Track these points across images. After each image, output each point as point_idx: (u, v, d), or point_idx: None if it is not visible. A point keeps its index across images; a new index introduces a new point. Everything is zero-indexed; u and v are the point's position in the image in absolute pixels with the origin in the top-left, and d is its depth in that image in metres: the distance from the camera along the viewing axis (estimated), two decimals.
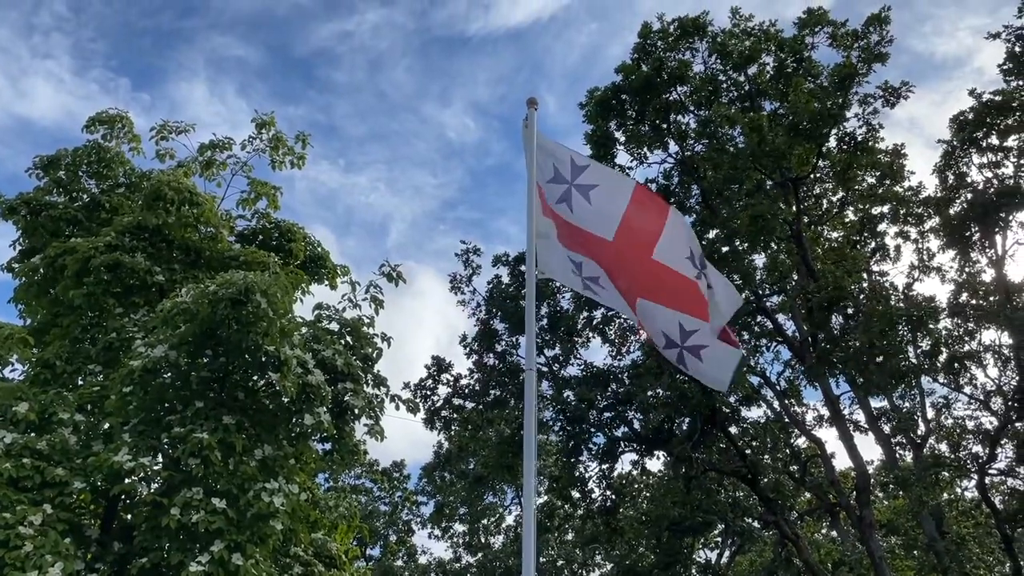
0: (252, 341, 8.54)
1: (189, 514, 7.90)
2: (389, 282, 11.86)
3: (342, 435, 9.97)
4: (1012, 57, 20.16)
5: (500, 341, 22.74)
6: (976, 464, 20.27)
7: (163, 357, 8.64)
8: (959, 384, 20.67)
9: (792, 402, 22.94)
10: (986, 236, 20.87)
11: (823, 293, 18.94)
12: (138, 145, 13.19)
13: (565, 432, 21.61)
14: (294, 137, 13.65)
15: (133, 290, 10.68)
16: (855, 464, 20.13)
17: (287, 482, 8.67)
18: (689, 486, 21.75)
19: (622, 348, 23.23)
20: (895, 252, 23.04)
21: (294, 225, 12.89)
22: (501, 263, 22.86)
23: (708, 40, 21.82)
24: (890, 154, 22.34)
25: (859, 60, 20.30)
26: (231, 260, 11.20)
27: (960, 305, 20.59)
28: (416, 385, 22.79)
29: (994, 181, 20.90)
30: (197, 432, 8.17)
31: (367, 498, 37.80)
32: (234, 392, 9.03)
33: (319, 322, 10.65)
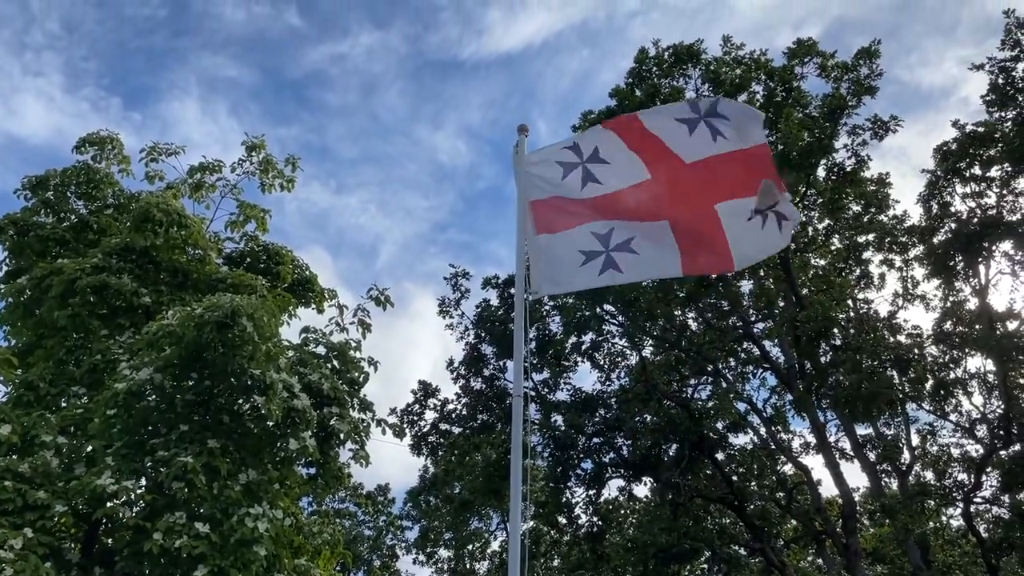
0: (238, 364, 8.50)
1: (172, 539, 7.81)
2: (377, 306, 11.88)
3: (327, 460, 9.91)
4: (995, 89, 20.48)
5: (488, 365, 22.73)
6: (961, 492, 20.34)
7: (148, 380, 8.58)
8: (944, 411, 20.78)
9: (778, 429, 23.00)
10: (970, 265, 21.08)
11: (812, 323, 19.03)
12: (128, 167, 13.17)
13: (553, 457, 21.56)
14: (284, 160, 13.68)
15: (119, 312, 10.62)
16: (841, 491, 20.15)
17: (271, 507, 8.59)
18: (676, 512, 21.70)
19: (611, 373, 23.26)
20: (880, 280, 23.26)
21: (282, 248, 12.88)
22: (491, 286, 22.92)
23: (701, 67, 22.10)
24: (876, 183, 22.60)
25: (849, 92, 20.57)
26: (218, 282, 11.17)
27: (945, 333, 20.75)
28: (403, 410, 22.71)
29: (977, 211, 21.16)
30: (181, 456, 8.10)
31: (351, 522, 37.48)
32: (219, 416, 8.97)
33: (306, 346, 10.62)
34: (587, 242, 5.97)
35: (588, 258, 5.94)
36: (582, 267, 5.93)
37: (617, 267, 5.88)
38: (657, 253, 5.87)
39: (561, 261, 6.01)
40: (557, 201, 6.21)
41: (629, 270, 5.91)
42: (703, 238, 5.88)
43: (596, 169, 6.15)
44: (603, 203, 6.08)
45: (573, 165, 6.19)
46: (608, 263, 5.89)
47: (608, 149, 6.20)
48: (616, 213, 6.01)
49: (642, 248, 5.87)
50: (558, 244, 6.06)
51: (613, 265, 5.88)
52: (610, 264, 5.88)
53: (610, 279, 5.95)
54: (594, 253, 5.94)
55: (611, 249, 5.91)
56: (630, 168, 6.09)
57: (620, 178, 6.08)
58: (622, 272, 5.90)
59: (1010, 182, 21.01)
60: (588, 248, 5.96)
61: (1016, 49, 20.37)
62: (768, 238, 5.84)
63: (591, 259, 5.93)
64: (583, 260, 5.94)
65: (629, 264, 5.88)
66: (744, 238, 5.82)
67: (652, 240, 5.89)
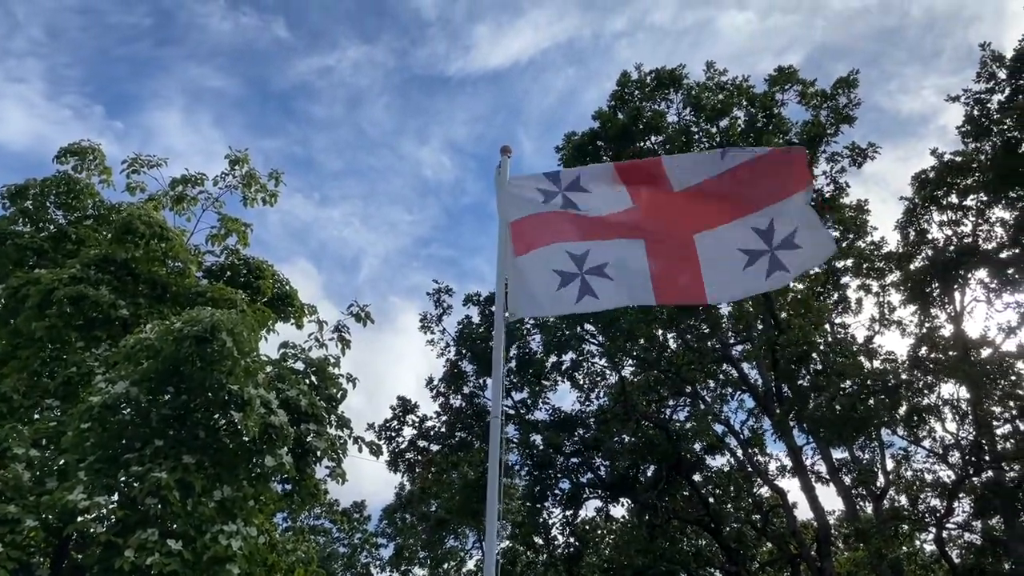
0: (216, 380, 8.45)
1: (143, 556, 7.71)
2: (358, 322, 11.86)
3: (303, 477, 9.85)
4: (970, 120, 20.84)
5: (468, 382, 22.69)
6: (934, 517, 20.48)
7: (123, 393, 8.50)
8: (918, 437, 20.96)
9: (756, 451, 23.09)
10: (946, 292, 21.36)
11: (792, 347, 19.17)
12: (108, 177, 13.11)
13: (531, 477, 21.52)
14: (267, 174, 13.66)
15: (96, 324, 10.52)
16: (816, 515, 20.24)
17: (246, 524, 8.52)
18: (653, 534, 21.69)
19: (590, 393, 23.29)
20: (857, 305, 23.49)
21: (263, 262, 12.85)
22: (472, 303, 22.91)
23: (683, 92, 22.35)
24: (854, 209, 22.88)
25: (828, 120, 20.87)
26: (198, 296, 11.12)
27: (920, 359, 20.96)
28: (381, 426, 22.60)
29: (953, 239, 21.47)
30: (156, 471, 8.01)
31: (325, 539, 37.13)
32: (195, 431, 8.89)
33: (284, 361, 10.56)
34: (562, 261, 5.95)
35: (564, 281, 5.91)
36: (559, 291, 5.90)
37: (593, 293, 5.83)
38: (631, 280, 5.80)
39: (537, 282, 6.00)
40: (534, 220, 6.25)
41: (604, 296, 5.85)
42: (676, 266, 5.77)
43: (576, 196, 6.17)
44: (578, 223, 6.09)
45: (552, 193, 6.24)
46: (584, 289, 5.84)
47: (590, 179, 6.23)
48: (593, 233, 5.99)
49: (616, 275, 5.82)
50: (534, 264, 6.06)
51: (589, 291, 5.83)
52: (586, 290, 5.83)
53: (586, 306, 5.89)
54: (569, 275, 5.91)
55: (585, 272, 5.87)
56: (613, 197, 6.08)
57: (601, 207, 6.08)
58: (598, 299, 5.85)
59: (985, 212, 21.35)
60: (563, 268, 5.93)
61: (991, 82, 20.76)
62: (748, 281, 5.60)
63: (567, 282, 5.90)
64: (559, 283, 5.91)
65: (604, 290, 5.82)
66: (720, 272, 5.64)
67: (626, 266, 5.82)
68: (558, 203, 6.19)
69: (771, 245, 5.50)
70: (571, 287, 5.89)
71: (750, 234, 5.55)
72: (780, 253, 5.48)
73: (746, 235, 5.56)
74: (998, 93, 20.61)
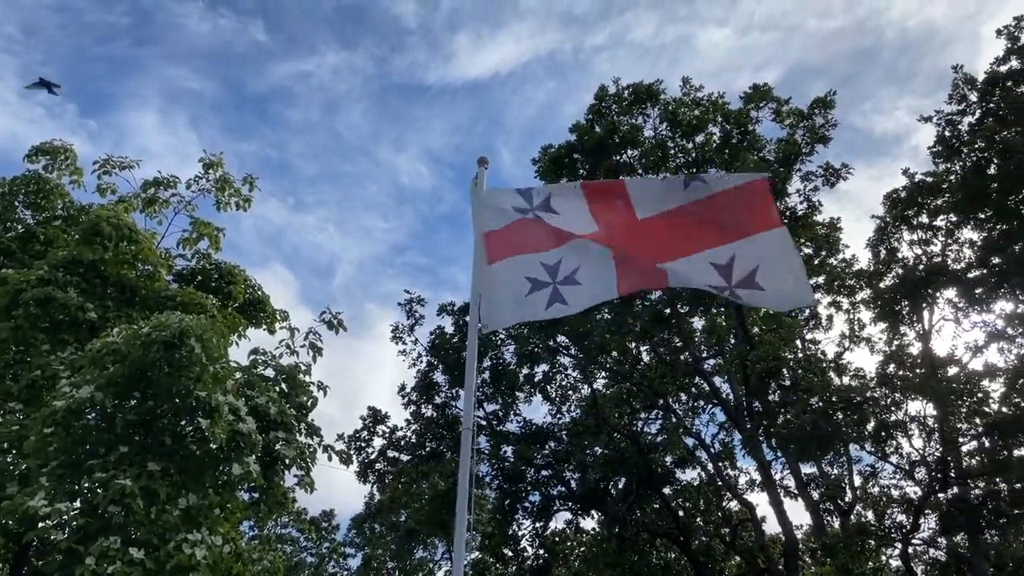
0: (183, 386, 8.34)
1: (105, 564, 7.57)
2: (330, 329, 11.78)
3: (271, 485, 9.74)
4: (942, 141, 21.18)
5: (440, 393, 22.59)
6: (900, 533, 20.66)
7: (88, 398, 8.36)
8: (885, 453, 21.16)
9: (726, 465, 23.20)
10: (915, 311, 21.63)
11: (762, 363, 19.31)
12: (80, 178, 12.94)
13: (501, 489, 21.44)
14: (241, 179, 13.55)
15: (63, 326, 10.36)
16: (784, 529, 20.35)
17: (210, 533, 8.40)
18: (622, 546, 21.69)
19: (562, 406, 23.28)
20: (827, 321, 23.70)
21: (235, 267, 12.73)
22: (446, 312, 22.83)
23: (660, 107, 22.51)
24: (826, 227, 23.14)
25: (803, 140, 21.12)
26: (167, 300, 10.99)
27: (888, 376, 21.19)
28: (351, 436, 22.41)
29: (923, 258, 21.77)
30: (120, 478, 7.88)
31: (293, 548, 36.72)
32: (161, 437, 8.76)
33: (254, 368, 10.46)
34: (536, 271, 5.99)
35: (534, 287, 5.93)
36: (528, 296, 5.92)
37: (563, 300, 5.84)
38: (597, 280, 5.82)
39: (509, 289, 6.03)
40: (508, 230, 6.29)
41: (573, 301, 5.87)
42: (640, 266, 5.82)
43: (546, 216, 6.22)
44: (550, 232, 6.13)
45: (525, 209, 6.30)
46: (555, 297, 5.86)
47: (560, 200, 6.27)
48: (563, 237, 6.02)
49: (585, 278, 5.84)
50: (507, 271, 6.09)
51: (560, 299, 5.84)
52: (557, 298, 5.85)
53: (556, 312, 5.90)
54: (541, 283, 5.93)
55: (558, 281, 5.90)
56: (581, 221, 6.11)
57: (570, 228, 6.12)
58: (567, 305, 5.86)
59: (954, 232, 21.67)
60: (536, 276, 5.97)
61: (963, 104, 21.14)
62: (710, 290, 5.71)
63: (537, 289, 5.92)
64: (529, 288, 5.94)
65: (573, 295, 5.84)
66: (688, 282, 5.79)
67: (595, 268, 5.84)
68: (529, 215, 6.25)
69: (730, 282, 5.48)
70: (542, 293, 5.92)
71: (709, 269, 5.55)
72: (739, 291, 5.47)
73: (706, 270, 5.57)
74: (969, 115, 20.98)
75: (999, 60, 20.49)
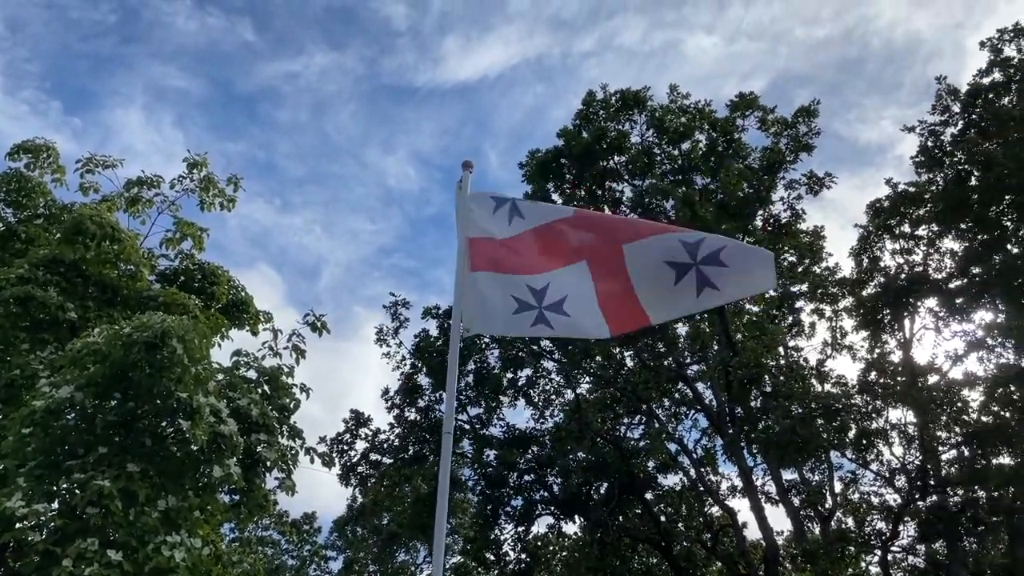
0: (164, 387, 8.27)
1: (82, 566, 7.50)
2: (313, 331, 11.74)
3: (252, 487, 9.68)
4: (924, 151, 21.39)
5: (423, 396, 22.55)
6: (880, 540, 20.81)
7: (68, 398, 8.28)
8: (866, 460, 21.31)
9: (708, 471, 23.28)
10: (896, 319, 21.81)
11: (745, 370, 19.40)
12: (62, 176, 12.82)
13: (484, 494, 21.41)
14: (226, 179, 13.46)
15: (43, 326, 10.26)
16: (765, 535, 20.44)
17: (190, 536, 8.33)
18: (604, 551, 21.71)
19: (545, 411, 23.29)
20: (810, 329, 23.86)
21: (218, 268, 12.64)
22: (431, 315, 22.78)
23: (647, 114, 22.61)
24: (810, 235, 23.31)
25: (787, 148, 21.26)
26: (149, 300, 10.91)
27: (869, 384, 21.36)
28: (333, 439, 22.32)
29: (905, 267, 21.97)
30: (98, 479, 7.80)
31: (274, 551, 36.52)
32: (141, 439, 8.68)
33: (237, 369, 10.40)
34: (522, 292, 5.96)
35: (521, 308, 5.92)
36: (514, 315, 5.90)
37: (548, 324, 5.85)
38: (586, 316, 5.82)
39: (494, 302, 6.00)
40: (496, 242, 6.24)
41: (559, 327, 5.87)
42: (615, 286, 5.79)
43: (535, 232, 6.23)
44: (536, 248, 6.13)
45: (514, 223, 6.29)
46: (540, 319, 5.86)
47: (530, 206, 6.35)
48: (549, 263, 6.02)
49: (573, 311, 5.83)
50: (492, 284, 6.05)
51: (544, 321, 5.85)
52: (542, 320, 5.85)
53: (540, 332, 5.94)
54: (527, 305, 5.92)
55: (544, 307, 5.88)
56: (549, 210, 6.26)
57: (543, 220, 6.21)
58: (552, 328, 5.87)
59: (936, 242, 21.89)
60: (522, 298, 5.94)
61: (945, 114, 21.35)
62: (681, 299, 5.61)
63: (524, 310, 5.91)
64: (516, 308, 5.92)
65: (560, 323, 5.84)
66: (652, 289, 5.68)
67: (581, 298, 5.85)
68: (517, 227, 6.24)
69: (695, 259, 5.52)
70: (528, 314, 5.91)
71: (676, 245, 5.60)
72: (705, 268, 5.50)
73: (672, 246, 5.61)
74: (951, 126, 21.21)
75: (982, 72, 20.72)
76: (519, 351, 21.81)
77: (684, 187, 21.76)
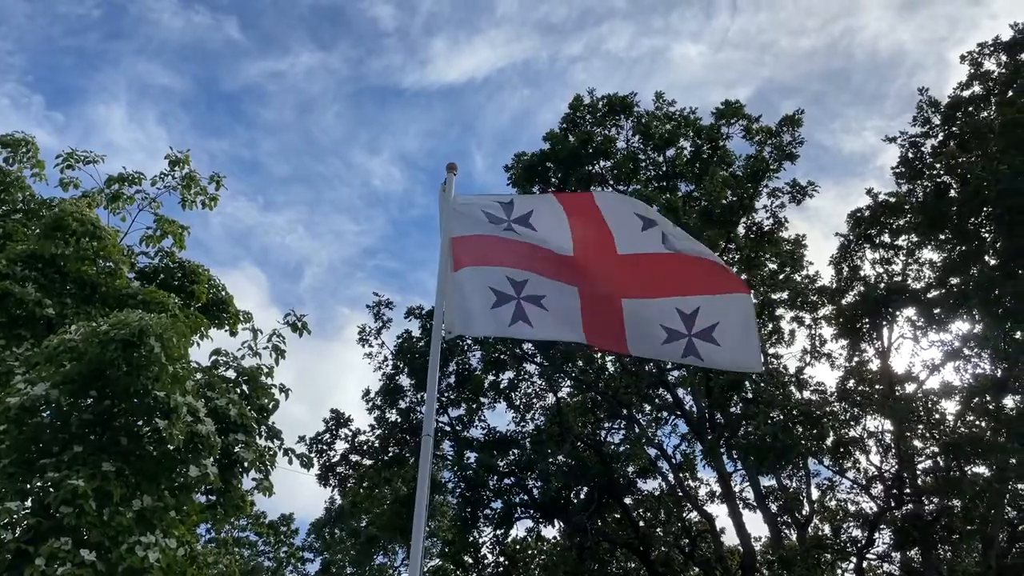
0: (141, 385, 8.20)
1: (55, 566, 7.43)
2: (294, 332, 11.70)
3: (229, 488, 9.62)
4: (905, 162, 21.61)
5: (404, 397, 22.47)
6: (855, 548, 20.96)
7: (43, 395, 8.19)
8: (843, 468, 21.46)
9: (687, 476, 23.36)
10: (874, 328, 22.00)
11: (725, 376, 19.48)
12: (41, 171, 12.71)
13: (463, 497, 21.37)
14: (208, 177, 13.39)
15: (19, 322, 10.16)
16: (742, 541, 20.53)
17: (164, 536, 8.27)
18: (582, 556, 21.73)
19: (526, 414, 23.28)
20: (790, 336, 23.99)
21: (199, 266, 12.57)
22: (414, 316, 22.71)
23: (633, 119, 22.70)
24: (792, 243, 23.45)
25: (771, 156, 21.40)
26: (128, 298, 10.81)
27: (847, 391, 21.52)
28: (312, 439, 22.20)
29: (884, 277, 22.17)
30: (72, 478, 7.72)
31: (250, 552, 36.24)
32: (117, 437, 8.60)
33: (216, 369, 10.35)
34: (500, 283, 5.97)
35: (500, 301, 5.93)
36: (493, 309, 5.91)
37: (528, 320, 5.85)
38: (565, 317, 5.86)
39: (474, 299, 5.99)
40: (478, 239, 6.24)
41: (538, 326, 5.89)
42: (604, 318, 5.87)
43: (521, 230, 6.21)
44: (521, 251, 6.11)
45: (500, 220, 6.26)
46: (519, 314, 5.87)
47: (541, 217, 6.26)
48: (532, 267, 6.02)
49: (552, 308, 5.86)
50: (472, 279, 6.05)
51: (523, 317, 5.86)
52: (520, 316, 5.86)
53: (518, 332, 5.94)
54: (506, 296, 5.93)
55: (522, 297, 5.90)
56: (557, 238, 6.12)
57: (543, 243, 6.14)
58: (531, 327, 5.88)
59: (915, 252, 22.10)
60: (500, 289, 5.95)
61: (926, 126, 21.58)
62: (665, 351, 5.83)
63: (503, 303, 5.92)
64: (495, 301, 5.93)
65: (538, 320, 5.86)
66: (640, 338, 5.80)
67: (562, 303, 5.88)
68: (503, 228, 6.21)
69: (690, 331, 5.65)
70: (506, 308, 5.91)
71: (674, 314, 5.70)
72: (696, 341, 5.64)
73: (670, 314, 5.71)
74: (932, 138, 21.45)
75: (962, 85, 20.97)
76: (501, 353, 21.80)
77: (668, 193, 21.87)
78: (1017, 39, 20.06)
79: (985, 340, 18.42)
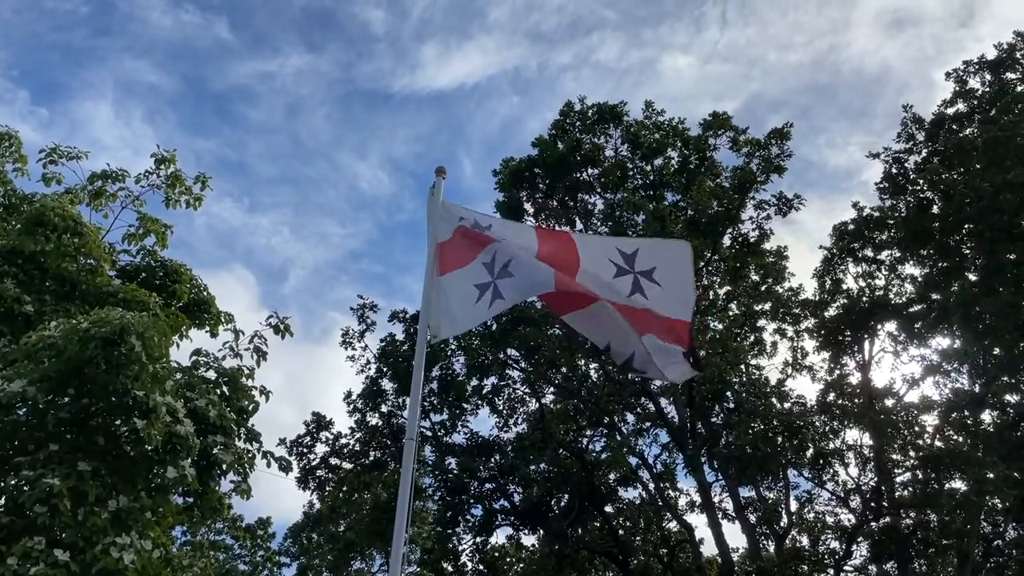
0: (120, 384, 8.09)
1: (27, 565, 7.31)
2: (276, 334, 11.58)
3: (206, 490, 9.50)
4: (889, 177, 21.80)
5: (387, 401, 22.38)
6: (833, 560, 21.05)
7: (20, 393, 8.07)
8: (822, 480, 21.56)
9: (667, 485, 23.38)
10: (856, 341, 22.15)
11: (708, 385, 19.53)
12: (24, 166, 12.54)
13: (444, 502, 21.28)
14: (194, 177, 13.27)
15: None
16: (721, 552, 20.56)
17: (140, 537, 8.16)
18: (561, 564, 21.69)
19: (509, 420, 23.24)
20: (772, 348, 24.10)
21: (181, 266, 12.42)
22: (398, 319, 22.64)
23: (622, 128, 22.76)
24: (775, 255, 23.57)
25: (759, 168, 21.51)
26: (109, 296, 10.67)
27: (828, 404, 21.63)
28: (292, 442, 22.04)
29: (867, 291, 22.32)
30: (48, 477, 7.61)
31: (226, 555, 35.89)
32: (94, 437, 8.48)
33: (196, 369, 10.22)
34: (479, 274, 6.10)
35: (481, 292, 6.05)
36: (476, 303, 6.04)
37: (500, 295, 6.00)
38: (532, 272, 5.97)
39: (459, 299, 6.10)
40: (458, 238, 6.34)
41: (509, 294, 6.02)
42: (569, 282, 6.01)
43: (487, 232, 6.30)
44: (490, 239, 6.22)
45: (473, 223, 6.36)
46: (495, 293, 6.01)
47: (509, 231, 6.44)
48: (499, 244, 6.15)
49: (518, 270, 6.00)
50: (457, 282, 6.16)
51: (498, 295, 6.00)
52: (496, 295, 6.00)
53: (497, 309, 6.08)
54: (484, 286, 6.05)
55: (496, 277, 6.04)
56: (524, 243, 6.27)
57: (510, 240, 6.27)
58: (504, 299, 6.02)
59: (897, 267, 22.28)
60: (480, 281, 6.07)
61: (910, 142, 21.79)
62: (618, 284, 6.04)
63: (483, 292, 6.05)
64: (477, 296, 6.05)
65: (509, 288, 5.99)
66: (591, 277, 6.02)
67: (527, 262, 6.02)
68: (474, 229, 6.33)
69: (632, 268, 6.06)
70: (486, 295, 6.04)
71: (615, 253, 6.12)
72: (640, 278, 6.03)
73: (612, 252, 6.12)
74: (915, 154, 21.65)
75: (946, 102, 21.18)
76: (484, 358, 21.75)
77: (655, 202, 21.94)
78: (1002, 58, 20.31)
79: (964, 355, 18.58)
